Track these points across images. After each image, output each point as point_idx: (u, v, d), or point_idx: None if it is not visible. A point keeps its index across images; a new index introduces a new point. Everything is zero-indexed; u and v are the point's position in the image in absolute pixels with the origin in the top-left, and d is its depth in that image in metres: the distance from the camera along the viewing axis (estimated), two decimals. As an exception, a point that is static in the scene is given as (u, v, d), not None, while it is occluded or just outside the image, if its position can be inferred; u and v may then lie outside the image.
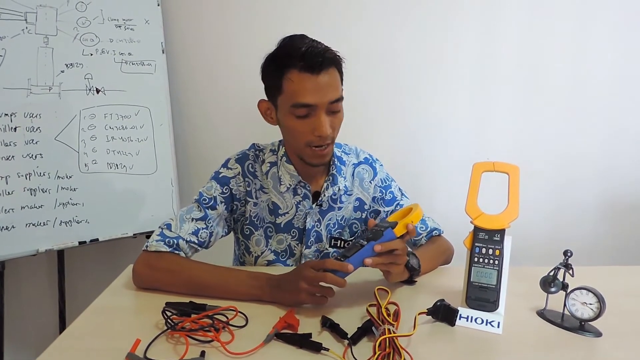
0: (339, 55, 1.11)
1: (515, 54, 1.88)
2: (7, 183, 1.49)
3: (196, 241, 1.14)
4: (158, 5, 1.73)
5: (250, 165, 1.22)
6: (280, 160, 1.21)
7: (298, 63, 1.05)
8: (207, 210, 1.17)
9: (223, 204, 1.19)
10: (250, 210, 1.23)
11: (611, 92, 1.91)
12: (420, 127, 1.93)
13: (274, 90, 1.11)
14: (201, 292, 1.03)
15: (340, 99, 1.10)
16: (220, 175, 1.21)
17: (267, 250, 1.25)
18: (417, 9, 1.83)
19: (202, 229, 1.15)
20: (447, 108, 1.91)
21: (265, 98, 1.17)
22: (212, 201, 1.18)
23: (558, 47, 1.87)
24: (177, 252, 1.11)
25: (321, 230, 1.25)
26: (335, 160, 1.24)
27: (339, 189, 1.23)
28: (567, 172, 1.97)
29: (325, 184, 1.22)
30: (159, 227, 1.15)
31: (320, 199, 1.22)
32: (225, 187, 1.20)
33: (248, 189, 1.21)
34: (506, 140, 1.94)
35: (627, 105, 1.93)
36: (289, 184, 1.20)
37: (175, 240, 1.11)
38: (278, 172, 1.21)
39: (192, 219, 1.15)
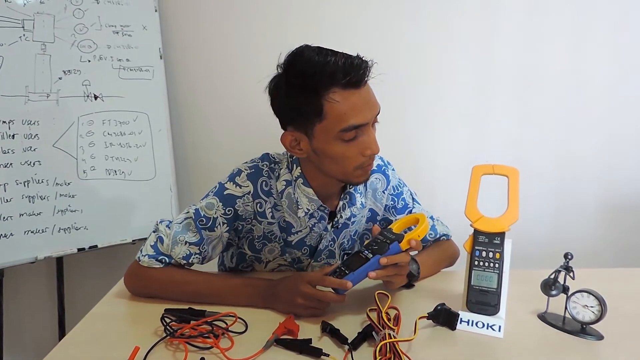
0: (372, 60, 0.99)
1: (514, 55, 1.88)
2: (5, 190, 1.48)
3: (186, 263, 1.07)
4: (155, 11, 1.73)
5: (265, 182, 1.09)
6: (296, 181, 1.09)
7: (341, 80, 0.92)
8: (202, 231, 1.06)
9: (225, 225, 1.08)
10: (265, 229, 1.13)
11: (610, 93, 1.91)
12: (418, 129, 1.93)
13: (308, 117, 0.96)
14: (195, 301, 1.01)
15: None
16: (225, 193, 1.07)
17: (279, 258, 1.19)
18: (416, 11, 1.83)
19: (195, 254, 1.06)
20: (445, 110, 1.91)
21: (285, 129, 1.04)
22: (210, 222, 1.06)
23: (557, 49, 1.87)
24: (168, 267, 1.07)
25: (335, 248, 1.19)
26: None
27: (357, 209, 1.15)
28: (567, 174, 1.97)
29: (342, 203, 1.13)
30: (154, 232, 1.08)
31: (336, 220, 1.14)
32: (229, 208, 1.07)
33: (260, 210, 1.09)
34: (506, 142, 1.94)
35: (627, 106, 1.93)
36: (308, 209, 1.09)
37: (167, 259, 1.05)
38: (294, 193, 1.09)
39: (186, 242, 1.05)
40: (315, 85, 0.94)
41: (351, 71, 0.93)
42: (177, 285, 1.04)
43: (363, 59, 0.97)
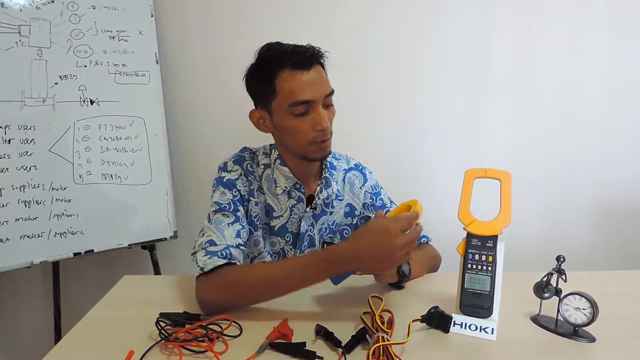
0: (322, 50, 1.12)
1: (508, 59, 1.89)
2: (1, 195, 1.49)
3: (242, 242, 1.11)
4: (152, 16, 1.74)
5: (249, 165, 1.21)
6: (274, 162, 1.20)
7: (288, 62, 1.06)
8: (234, 213, 1.13)
9: (240, 205, 1.16)
10: (252, 210, 1.20)
11: (604, 98, 1.92)
12: (414, 133, 1.94)
13: (267, 95, 1.10)
14: (274, 293, 1.00)
15: (332, 92, 1.11)
16: (225, 180, 1.17)
17: (264, 252, 1.23)
18: (411, 12, 1.84)
19: (241, 229, 1.12)
20: (441, 114, 1.92)
21: (255, 108, 1.17)
22: (233, 205, 1.14)
23: (552, 53, 1.88)
24: (232, 262, 1.05)
25: (314, 234, 1.25)
26: (327, 164, 1.24)
27: (332, 191, 1.23)
28: (561, 178, 1.98)
29: (318, 187, 1.22)
30: (200, 248, 1.06)
31: (314, 202, 1.22)
32: (234, 189, 1.16)
33: (251, 187, 1.19)
34: (500, 146, 1.95)
35: (621, 110, 1.94)
36: (285, 186, 1.19)
37: (226, 251, 1.05)
38: (273, 174, 1.20)
39: (228, 225, 1.11)
40: (269, 68, 1.08)
41: (297, 54, 1.07)
42: (250, 280, 1.01)
43: (312, 46, 1.10)
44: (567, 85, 1.91)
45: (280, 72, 1.07)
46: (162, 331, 0.88)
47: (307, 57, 1.07)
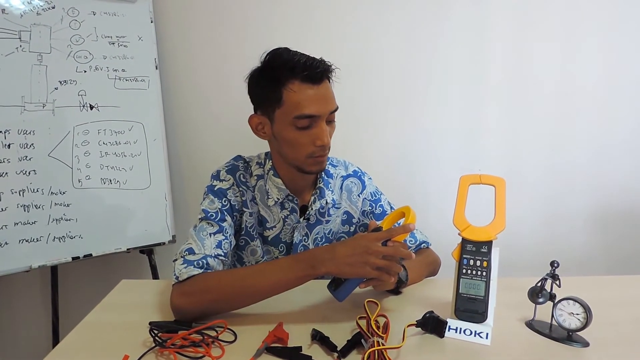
0: (333, 66, 1.11)
1: (504, 65, 1.90)
2: (0, 199, 1.50)
3: (222, 253, 1.09)
4: (151, 22, 1.76)
5: (242, 175, 1.20)
6: (267, 173, 1.20)
7: (300, 73, 1.04)
8: (219, 223, 1.12)
9: (228, 215, 1.15)
10: (247, 221, 1.20)
11: (601, 103, 1.94)
12: (410, 139, 1.94)
13: (271, 103, 1.08)
14: (250, 297, 1.00)
15: (337, 108, 1.11)
16: (215, 189, 1.17)
17: (262, 260, 1.24)
18: (406, 19, 1.85)
19: (223, 240, 1.11)
20: (437, 120, 1.93)
21: (255, 113, 1.16)
22: (220, 214, 1.14)
23: (547, 58, 1.90)
24: (209, 271, 1.04)
25: (309, 244, 1.25)
26: (323, 173, 1.23)
27: (327, 202, 1.22)
28: (558, 183, 1.99)
29: (312, 198, 1.22)
30: (180, 256, 1.06)
31: (307, 212, 1.22)
32: (224, 199, 1.16)
33: (243, 198, 1.19)
34: (497, 151, 1.95)
35: (617, 115, 1.95)
36: (277, 198, 1.19)
37: (203, 261, 1.04)
38: (265, 185, 1.20)
39: (210, 234, 1.10)
40: (278, 76, 1.06)
41: (310, 68, 1.05)
42: (225, 286, 0.99)
43: (324, 61, 1.09)
44: (564, 91, 1.92)
45: (289, 83, 1.05)
46: (157, 338, 0.88)
47: (319, 72, 1.06)
